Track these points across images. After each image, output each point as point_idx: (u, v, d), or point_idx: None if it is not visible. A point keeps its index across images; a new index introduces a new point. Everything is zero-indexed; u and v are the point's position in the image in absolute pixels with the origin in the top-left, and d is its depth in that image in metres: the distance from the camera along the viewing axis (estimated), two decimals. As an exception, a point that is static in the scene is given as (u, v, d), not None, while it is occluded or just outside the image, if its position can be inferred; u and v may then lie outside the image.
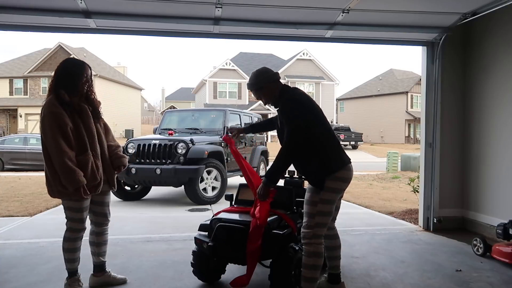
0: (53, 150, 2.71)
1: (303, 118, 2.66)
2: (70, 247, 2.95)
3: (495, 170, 4.73)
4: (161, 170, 6.83)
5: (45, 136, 2.75)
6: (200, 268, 3.17)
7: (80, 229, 2.95)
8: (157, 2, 3.93)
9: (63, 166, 2.70)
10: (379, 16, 4.35)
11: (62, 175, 2.71)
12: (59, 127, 2.73)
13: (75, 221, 2.92)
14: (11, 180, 10.74)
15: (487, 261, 3.90)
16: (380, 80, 41.39)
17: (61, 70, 2.90)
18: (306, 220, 2.73)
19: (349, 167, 2.79)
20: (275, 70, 2.98)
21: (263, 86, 2.83)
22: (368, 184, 10.58)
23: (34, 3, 3.92)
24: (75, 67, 2.93)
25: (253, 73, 2.90)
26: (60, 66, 2.95)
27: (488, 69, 4.82)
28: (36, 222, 5.63)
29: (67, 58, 3.10)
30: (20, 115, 31.37)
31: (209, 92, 34.69)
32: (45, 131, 2.74)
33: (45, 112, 2.75)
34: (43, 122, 2.76)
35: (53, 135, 2.70)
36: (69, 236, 2.95)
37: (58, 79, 2.87)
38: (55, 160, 2.72)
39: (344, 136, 28.68)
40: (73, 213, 2.91)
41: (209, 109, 9.84)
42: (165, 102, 52.16)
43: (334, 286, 3.06)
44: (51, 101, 2.79)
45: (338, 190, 2.75)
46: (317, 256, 2.71)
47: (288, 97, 2.76)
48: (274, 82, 2.85)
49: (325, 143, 2.75)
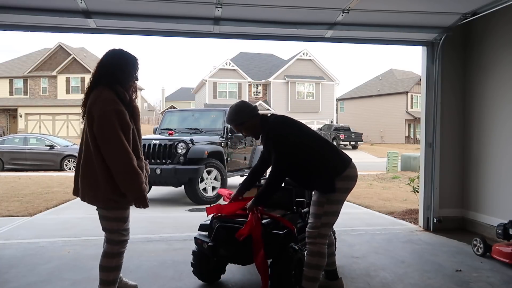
0: (116, 151, 2.37)
1: (288, 143, 2.73)
2: (118, 263, 2.59)
3: (495, 170, 4.73)
4: (161, 170, 6.83)
5: (102, 134, 2.38)
6: (200, 268, 3.17)
7: (127, 239, 2.64)
8: (157, 2, 3.93)
9: (130, 167, 2.38)
10: (379, 16, 4.35)
11: (127, 179, 2.38)
12: (122, 128, 2.42)
13: (123, 232, 2.58)
14: (11, 180, 10.73)
15: (487, 261, 3.89)
16: (380, 80, 41.38)
17: (116, 62, 2.55)
18: (313, 221, 2.75)
19: (353, 165, 2.82)
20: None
21: (245, 121, 2.86)
22: (368, 184, 10.58)
23: (34, 3, 3.92)
24: (131, 60, 2.60)
25: (233, 109, 2.89)
26: (114, 57, 2.58)
27: (488, 69, 4.82)
28: (36, 222, 5.63)
29: (119, 49, 2.63)
30: (20, 115, 31.38)
31: (209, 92, 34.68)
32: (104, 128, 2.37)
33: (107, 108, 2.39)
34: (103, 118, 2.37)
35: (117, 134, 2.37)
36: (118, 250, 2.56)
37: (113, 72, 2.51)
38: (118, 161, 2.37)
39: (344, 136, 28.67)
40: (121, 223, 2.56)
41: (209, 109, 9.84)
42: (165, 102, 52.11)
43: (332, 282, 3.07)
44: (112, 97, 2.44)
45: (346, 189, 2.77)
46: (321, 256, 2.74)
47: (269, 127, 2.81)
48: (255, 116, 2.88)
49: (322, 152, 2.79)
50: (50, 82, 32.73)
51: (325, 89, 35.72)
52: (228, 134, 8.11)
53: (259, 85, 36.03)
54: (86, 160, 2.46)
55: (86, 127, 2.47)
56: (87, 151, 2.45)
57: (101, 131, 2.38)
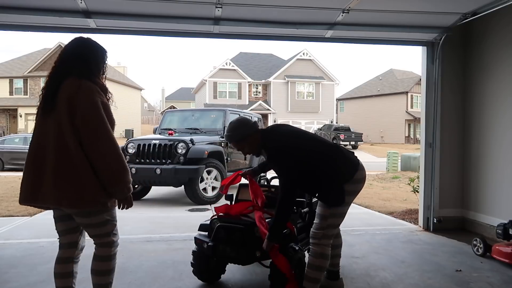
0: (108, 146, 2.15)
1: (292, 160, 2.63)
2: (114, 265, 2.41)
3: (495, 170, 4.73)
4: (161, 170, 6.83)
5: (91, 128, 2.13)
6: (200, 268, 3.17)
7: (118, 237, 2.45)
8: (157, 2, 3.93)
9: (123, 164, 2.18)
10: (379, 16, 4.35)
11: (119, 177, 2.18)
12: (109, 122, 2.20)
13: (115, 232, 2.38)
14: (11, 180, 10.74)
15: (487, 261, 3.90)
16: (380, 80, 41.37)
17: (88, 52, 2.32)
18: (318, 222, 2.73)
19: (361, 167, 2.78)
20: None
21: (246, 136, 2.79)
22: (368, 184, 10.57)
23: (34, 3, 3.92)
24: (99, 50, 2.37)
25: (233, 126, 2.83)
26: (85, 46, 2.34)
27: (488, 69, 4.82)
28: (36, 222, 5.63)
29: (85, 38, 2.40)
30: (20, 115, 31.37)
31: (209, 92, 34.68)
32: (94, 122, 2.13)
33: (94, 100, 2.15)
34: (91, 111, 2.13)
35: (108, 128, 2.16)
36: (113, 251, 2.38)
37: (86, 62, 2.28)
38: (110, 158, 2.14)
39: (344, 136, 28.67)
40: (114, 224, 2.36)
41: (209, 109, 9.85)
42: (165, 102, 52.14)
43: (333, 282, 3.07)
44: (95, 88, 2.22)
45: (355, 192, 2.76)
46: (324, 258, 2.73)
47: (272, 145, 2.75)
48: (256, 131, 2.81)
49: (329, 155, 2.74)
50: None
51: (325, 89, 35.72)
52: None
53: (259, 85, 36.03)
54: (60, 158, 2.13)
55: (60, 121, 2.15)
56: (62, 148, 2.13)
57: (91, 125, 2.13)
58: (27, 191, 2.21)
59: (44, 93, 2.29)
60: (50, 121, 2.20)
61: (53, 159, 2.15)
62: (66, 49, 2.34)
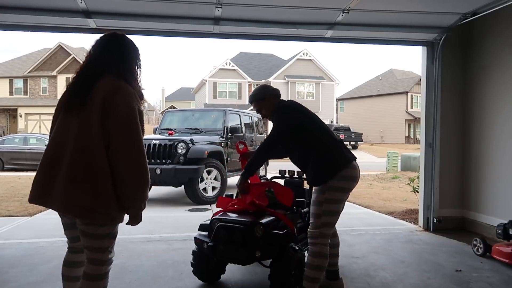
0: (138, 157, 1.96)
1: (292, 121, 2.85)
2: (106, 285, 2.13)
3: (495, 170, 4.73)
4: (161, 170, 6.83)
5: (127, 135, 1.94)
6: (200, 268, 3.17)
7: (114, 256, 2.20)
8: (157, 2, 3.93)
9: (147, 178, 1.99)
10: (379, 16, 4.35)
11: (142, 190, 1.99)
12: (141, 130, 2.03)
13: (111, 250, 2.13)
14: (11, 180, 10.74)
15: (487, 261, 3.90)
16: (380, 80, 41.38)
17: (125, 51, 2.12)
18: (313, 221, 2.76)
19: (354, 165, 2.79)
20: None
21: (266, 97, 3.02)
22: (368, 184, 10.58)
23: (34, 3, 3.92)
24: (136, 51, 2.17)
25: (257, 88, 3.15)
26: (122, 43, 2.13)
27: (488, 69, 4.82)
28: (36, 222, 5.63)
29: (121, 34, 2.16)
30: (20, 115, 31.36)
31: (209, 92, 34.68)
32: (131, 129, 1.95)
33: (133, 105, 1.98)
34: (130, 117, 1.95)
35: (141, 138, 1.99)
36: (105, 270, 2.10)
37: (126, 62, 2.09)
38: (137, 170, 1.95)
39: (344, 136, 28.62)
40: (113, 240, 2.12)
41: (209, 109, 9.85)
42: (165, 102, 52.10)
43: (332, 282, 3.08)
44: (134, 93, 2.03)
45: (344, 189, 2.76)
46: (322, 257, 2.73)
47: (283, 104, 2.98)
48: (277, 96, 3.05)
49: (324, 141, 2.82)
50: (50, 82, 32.70)
51: (325, 89, 35.71)
52: (228, 134, 8.12)
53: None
54: (79, 161, 1.93)
55: (89, 122, 1.94)
56: (83, 150, 1.93)
57: (126, 130, 1.93)
58: (37, 190, 2.04)
59: (72, 90, 2.05)
60: (74, 120, 1.98)
61: (70, 160, 1.94)
62: (100, 45, 2.12)
